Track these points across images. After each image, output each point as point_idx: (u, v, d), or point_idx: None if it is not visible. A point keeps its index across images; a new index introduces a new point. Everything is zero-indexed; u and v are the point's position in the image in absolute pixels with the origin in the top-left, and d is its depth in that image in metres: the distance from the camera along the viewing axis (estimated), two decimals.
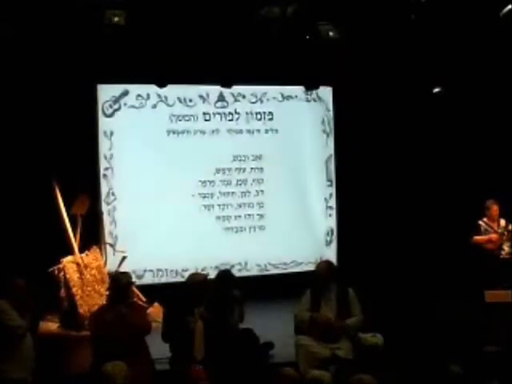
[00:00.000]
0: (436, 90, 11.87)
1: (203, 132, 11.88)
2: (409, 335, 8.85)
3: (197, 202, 11.77)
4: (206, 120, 11.92)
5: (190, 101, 11.83)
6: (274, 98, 12.25)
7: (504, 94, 11.62)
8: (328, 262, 8.58)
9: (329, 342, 7.90)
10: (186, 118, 11.78)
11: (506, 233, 10.61)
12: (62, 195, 10.34)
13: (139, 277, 11.26)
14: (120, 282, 7.57)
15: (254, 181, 12.11)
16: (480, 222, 10.76)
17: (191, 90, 11.83)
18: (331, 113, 12.49)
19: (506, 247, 10.61)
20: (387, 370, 6.19)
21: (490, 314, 9.82)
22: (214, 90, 11.89)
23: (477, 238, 10.68)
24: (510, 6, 8.66)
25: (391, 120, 12.05)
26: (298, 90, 12.30)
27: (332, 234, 12.46)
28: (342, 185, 12.39)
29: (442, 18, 9.48)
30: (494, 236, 10.65)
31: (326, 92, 12.45)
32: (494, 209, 10.73)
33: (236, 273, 10.38)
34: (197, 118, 11.87)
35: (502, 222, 10.73)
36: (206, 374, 7.12)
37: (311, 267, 10.55)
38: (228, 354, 7.46)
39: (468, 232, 10.70)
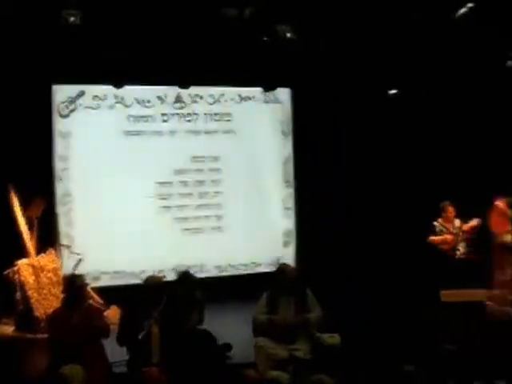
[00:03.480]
0: (392, 91, 11.96)
1: (161, 133, 11.83)
2: (366, 335, 8.89)
3: (154, 203, 11.72)
4: (163, 121, 11.87)
5: (148, 102, 11.78)
6: (232, 99, 12.25)
7: (459, 93, 11.74)
8: (292, 266, 8.66)
9: (287, 343, 7.93)
10: (144, 119, 11.73)
11: (460, 233, 10.73)
12: (17, 197, 10.23)
13: (96, 279, 11.18)
14: (74, 285, 7.52)
15: (212, 182, 12.09)
16: (435, 223, 10.86)
17: (149, 91, 11.78)
18: (289, 114, 12.52)
19: (460, 247, 10.73)
20: (344, 369, 6.22)
21: (446, 313, 9.94)
22: (171, 91, 11.85)
23: (432, 238, 10.78)
24: (464, 9, 8.76)
25: (349, 120, 12.11)
26: (255, 91, 12.32)
27: (290, 234, 12.48)
28: (301, 186, 12.42)
29: (399, 19, 9.55)
30: (449, 237, 10.76)
31: (283, 93, 12.48)
32: (450, 210, 10.84)
33: (195, 274, 10.37)
34: (154, 118, 11.82)
35: (457, 222, 10.85)
36: (162, 376, 7.10)
37: (270, 268, 10.58)
38: (185, 356, 7.43)
39: (423, 232, 10.80)
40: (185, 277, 8.47)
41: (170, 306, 7.72)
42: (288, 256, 12.12)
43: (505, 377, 5.51)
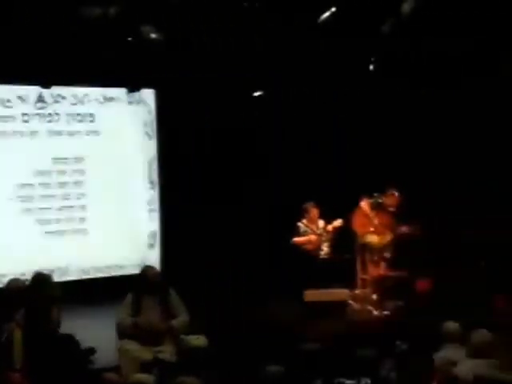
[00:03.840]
0: (257, 93, 12.06)
1: (22, 133, 11.49)
2: (232, 336, 8.93)
3: (15, 205, 11.37)
4: (24, 121, 11.53)
5: (8, 101, 11.41)
6: (96, 99, 12.04)
7: (323, 96, 11.94)
8: (155, 269, 8.61)
9: (152, 345, 7.86)
10: (4, 119, 11.36)
11: (324, 234, 10.94)
12: None
13: None
14: None
15: (75, 183, 11.83)
16: (299, 224, 11.03)
17: (9, 91, 11.41)
18: (153, 115, 12.42)
19: (324, 247, 10.95)
20: (210, 371, 6.22)
21: (310, 312, 10.11)
22: (33, 90, 11.53)
23: (296, 239, 10.94)
24: (327, 13, 8.92)
25: (215, 121, 12.10)
26: (120, 92, 12.16)
27: (155, 236, 12.39)
28: (166, 187, 12.35)
29: (265, 21, 9.61)
30: (313, 237, 10.96)
31: (148, 94, 12.37)
32: (313, 211, 11.04)
33: (58, 277, 10.14)
34: (15, 119, 11.46)
35: (321, 223, 11.05)
36: (25, 381, 6.90)
37: (134, 270, 10.45)
38: (48, 361, 7.24)
39: (288, 233, 10.95)
40: (38, 278, 8.23)
41: (28, 309, 7.51)
42: (153, 258, 12.02)
43: (370, 375, 5.66)
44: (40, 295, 7.84)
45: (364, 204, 11.14)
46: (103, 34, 9.78)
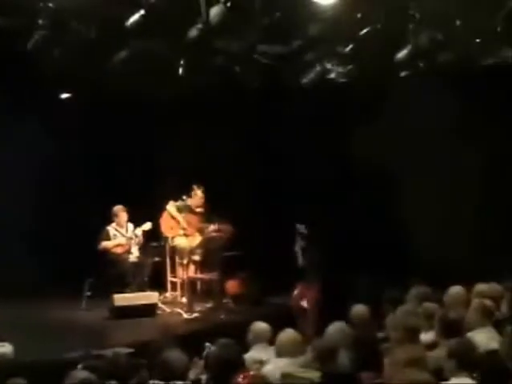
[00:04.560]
0: (65, 95, 11.81)
1: None
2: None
3: None
4: None
5: None
6: None
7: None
8: None
9: None
10: None
11: (134, 237, 10.89)
12: None
13: None
14: None
15: None
16: (108, 228, 10.92)
17: None
18: None
19: (134, 251, 10.90)
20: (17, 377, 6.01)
21: (119, 316, 10.04)
22: None
23: (105, 243, 10.82)
24: (136, 16, 8.80)
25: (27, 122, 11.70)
26: None
27: None
28: None
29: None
30: (122, 241, 10.88)
31: None
32: (122, 215, 10.96)
33: None
34: None
35: (130, 226, 11.00)
36: None
37: None
38: None
39: (96, 238, 10.80)
40: None
41: None
42: None
43: (180, 378, 5.68)
44: None
45: (170, 207, 11.20)
46: None
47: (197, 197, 11.21)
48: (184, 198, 11.28)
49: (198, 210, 11.27)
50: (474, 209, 10.77)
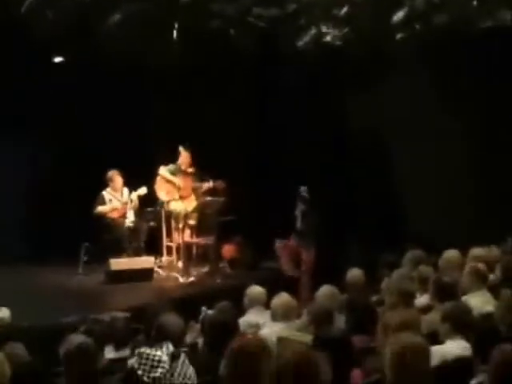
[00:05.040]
0: (59, 59, 11.70)
1: None
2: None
3: None
4: None
5: None
6: None
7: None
8: None
9: None
10: None
11: (129, 202, 10.88)
12: None
13: None
14: None
15: None
16: (104, 192, 10.90)
17: None
18: None
19: (130, 216, 10.90)
20: (15, 341, 6.04)
21: (115, 281, 10.07)
22: None
23: (101, 208, 10.81)
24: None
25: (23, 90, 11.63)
26: None
27: None
28: None
29: None
30: (118, 205, 10.87)
31: None
32: (117, 179, 10.93)
33: None
34: None
35: (126, 191, 10.98)
36: None
37: None
38: None
39: (92, 202, 10.80)
40: None
41: None
42: None
43: (176, 341, 5.71)
44: None
45: (163, 171, 11.17)
46: None
47: (183, 157, 11.18)
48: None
49: (189, 170, 11.26)
50: (471, 173, 10.76)
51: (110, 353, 6.15)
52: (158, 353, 4.91)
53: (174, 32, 10.16)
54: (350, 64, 11.38)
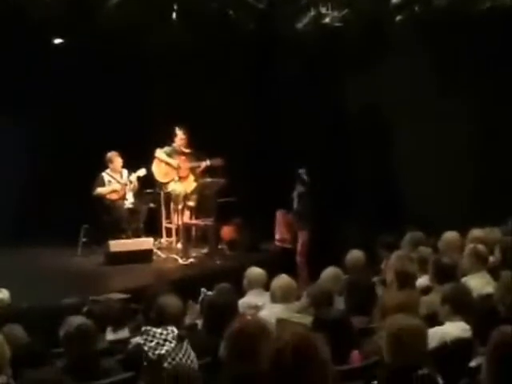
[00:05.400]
0: (58, 41, 11.65)
1: None
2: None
3: None
4: None
5: None
6: None
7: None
8: None
9: None
10: None
11: (128, 183, 10.88)
12: None
13: None
14: None
15: None
16: (103, 174, 10.89)
17: None
18: None
19: (129, 197, 10.90)
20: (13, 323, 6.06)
21: (114, 262, 10.08)
22: None
23: (100, 189, 10.80)
24: None
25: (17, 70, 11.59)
26: None
27: None
28: None
29: None
30: (117, 187, 10.86)
31: None
32: (117, 160, 10.92)
33: None
34: None
35: (125, 172, 10.97)
36: None
37: None
38: None
39: (91, 184, 10.79)
40: None
41: None
42: None
43: (175, 323, 5.72)
44: None
45: (159, 153, 11.16)
46: None
47: (178, 137, 11.17)
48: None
49: (186, 150, 11.24)
50: (471, 155, 10.74)
51: (108, 334, 6.17)
52: (165, 332, 4.93)
53: (174, 13, 10.12)
54: (350, 46, 11.34)
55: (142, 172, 10.88)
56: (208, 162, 11.00)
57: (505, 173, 10.31)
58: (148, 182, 11.11)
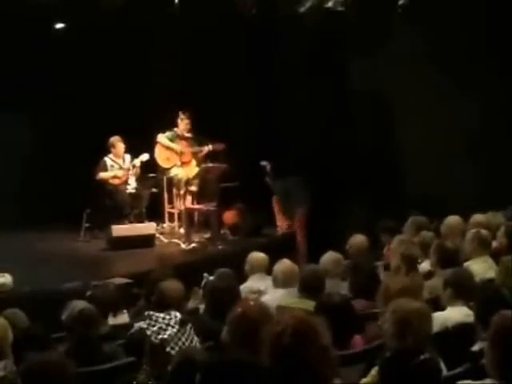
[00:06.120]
0: (59, 25, 11.62)
1: None
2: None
3: None
4: None
5: None
6: None
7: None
8: None
9: None
10: None
11: (131, 168, 10.86)
12: None
13: None
14: None
15: None
16: (105, 159, 10.88)
17: None
18: None
19: (131, 182, 10.88)
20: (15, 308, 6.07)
21: (117, 247, 10.08)
22: None
23: (102, 174, 10.79)
24: None
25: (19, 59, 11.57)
26: None
27: None
28: None
29: None
30: (120, 172, 10.85)
31: None
32: (119, 145, 10.90)
33: None
34: None
35: (128, 157, 10.96)
36: None
37: None
38: None
39: (93, 169, 10.78)
40: None
41: None
42: None
43: (177, 307, 5.72)
44: None
45: (161, 138, 11.14)
46: None
47: (183, 122, 11.15)
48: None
49: (188, 135, 11.22)
50: (474, 138, 10.69)
51: (109, 319, 6.18)
52: (168, 317, 4.93)
53: None
54: (352, 30, 11.29)
55: (145, 157, 10.87)
56: (210, 147, 10.98)
57: (509, 156, 10.27)
58: (150, 166, 11.09)
